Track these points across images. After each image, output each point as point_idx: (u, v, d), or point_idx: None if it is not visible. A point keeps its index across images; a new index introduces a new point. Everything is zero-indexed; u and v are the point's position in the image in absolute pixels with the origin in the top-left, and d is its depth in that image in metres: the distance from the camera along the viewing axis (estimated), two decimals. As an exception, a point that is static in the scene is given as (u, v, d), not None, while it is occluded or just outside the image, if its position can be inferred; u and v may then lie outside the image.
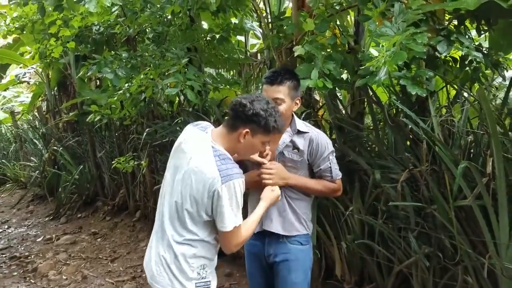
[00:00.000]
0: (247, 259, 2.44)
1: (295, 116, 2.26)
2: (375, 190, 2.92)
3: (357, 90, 3.25)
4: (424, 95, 2.54)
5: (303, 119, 2.97)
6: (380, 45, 2.36)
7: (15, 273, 4.75)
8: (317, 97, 4.14)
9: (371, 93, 3.04)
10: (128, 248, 5.16)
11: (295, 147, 2.21)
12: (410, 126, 2.82)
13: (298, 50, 2.72)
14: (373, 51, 2.15)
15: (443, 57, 2.85)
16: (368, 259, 3.02)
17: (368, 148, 3.20)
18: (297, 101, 2.21)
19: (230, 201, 1.79)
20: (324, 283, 3.34)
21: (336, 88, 3.36)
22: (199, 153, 1.87)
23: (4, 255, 5.45)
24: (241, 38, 5.73)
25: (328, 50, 2.88)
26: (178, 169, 1.92)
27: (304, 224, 2.28)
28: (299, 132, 2.22)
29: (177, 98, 5.15)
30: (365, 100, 3.33)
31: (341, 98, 3.65)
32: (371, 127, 3.33)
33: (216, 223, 1.86)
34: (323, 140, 2.24)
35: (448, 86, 2.97)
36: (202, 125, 2.02)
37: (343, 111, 3.41)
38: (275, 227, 2.24)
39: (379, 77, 2.25)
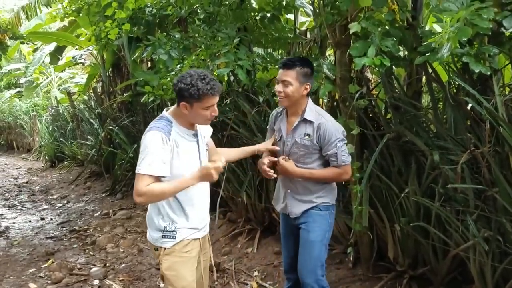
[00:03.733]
0: (281, 222, 2.83)
1: (309, 104, 2.54)
2: (432, 171, 2.83)
3: (415, 68, 3.14)
4: (488, 73, 2.43)
5: (357, 99, 2.93)
6: (444, 21, 2.25)
7: (75, 246, 5.04)
8: (369, 76, 4.04)
9: (430, 71, 2.92)
10: (180, 225, 5.33)
11: (306, 133, 2.51)
12: (471, 106, 2.70)
13: (354, 27, 2.65)
14: (436, 27, 2.05)
15: (508, 33, 2.69)
16: (423, 242, 2.95)
17: (426, 129, 3.09)
18: (307, 86, 2.48)
19: (144, 147, 2.11)
20: (376, 264, 3.31)
21: (393, 67, 3.27)
22: None
23: (64, 228, 5.80)
24: (290, 16, 5.66)
25: (385, 26, 2.79)
26: None
27: (321, 196, 2.59)
28: (305, 120, 2.50)
29: (226, 78, 5.18)
30: (423, 78, 3.21)
31: (397, 77, 3.53)
32: (429, 107, 3.21)
33: None
34: (331, 127, 2.49)
35: (513, 64, 2.81)
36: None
37: (399, 90, 3.30)
38: (293, 212, 2.62)
39: (442, 54, 2.16)
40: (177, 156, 2.16)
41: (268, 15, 4.24)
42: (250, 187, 4.40)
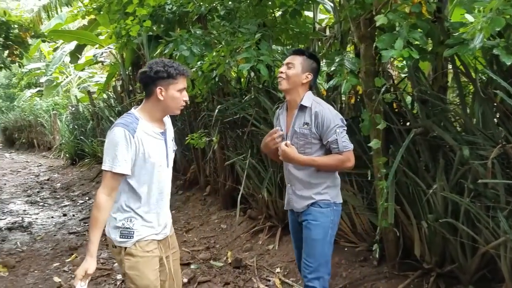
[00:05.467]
0: (289, 217, 2.80)
1: (307, 93, 2.56)
2: (461, 167, 2.76)
3: (441, 62, 3.07)
4: (521, 65, 2.36)
5: (383, 93, 2.89)
6: (476, 11, 2.19)
7: (98, 241, 5.07)
8: (391, 72, 3.97)
9: (459, 64, 2.86)
10: (200, 221, 5.34)
11: (305, 122, 2.50)
12: (501, 99, 2.63)
13: (380, 20, 2.60)
14: (469, 17, 1.99)
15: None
16: (451, 238, 2.89)
17: (454, 123, 3.03)
18: (308, 76, 2.54)
19: (107, 144, 2.11)
20: (402, 262, 3.25)
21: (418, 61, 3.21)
22: None
23: (86, 224, 5.84)
24: (309, 13, 5.62)
25: (411, 19, 2.73)
26: None
27: (321, 193, 2.54)
28: (302, 107, 2.51)
29: (246, 75, 5.16)
30: (449, 72, 3.14)
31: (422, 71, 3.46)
32: (456, 101, 3.14)
33: None
34: (328, 114, 2.47)
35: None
36: None
37: (425, 84, 3.24)
38: (295, 207, 2.62)
39: (474, 45, 2.10)
40: (142, 155, 2.12)
41: (290, 10, 4.18)
42: (271, 184, 4.38)
